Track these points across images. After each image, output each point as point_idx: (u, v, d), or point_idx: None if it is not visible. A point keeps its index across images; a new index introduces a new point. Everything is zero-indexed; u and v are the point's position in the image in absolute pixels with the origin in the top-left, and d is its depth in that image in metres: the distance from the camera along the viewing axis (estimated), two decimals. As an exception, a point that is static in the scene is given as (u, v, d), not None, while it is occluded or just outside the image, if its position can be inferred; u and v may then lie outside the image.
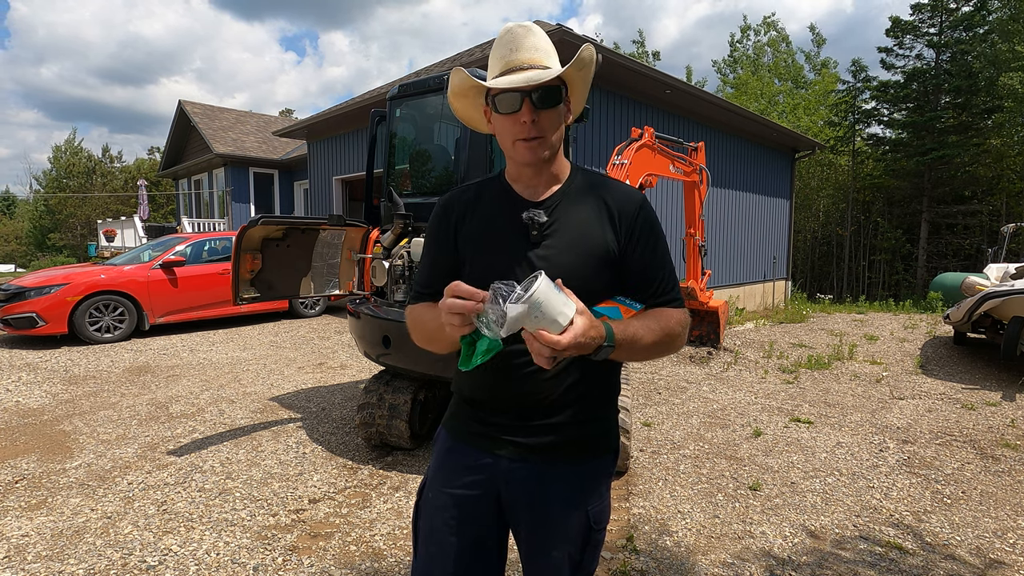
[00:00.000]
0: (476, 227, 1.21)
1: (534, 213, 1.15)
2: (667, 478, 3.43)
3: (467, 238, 1.21)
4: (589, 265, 1.14)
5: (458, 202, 1.25)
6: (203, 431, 4.13)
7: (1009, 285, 6.01)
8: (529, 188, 1.20)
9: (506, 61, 1.14)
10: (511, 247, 1.16)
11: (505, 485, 1.19)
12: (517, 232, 1.16)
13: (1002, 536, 2.82)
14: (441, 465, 1.26)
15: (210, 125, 16.30)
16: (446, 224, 1.24)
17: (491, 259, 1.17)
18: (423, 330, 1.19)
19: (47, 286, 6.94)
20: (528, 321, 0.87)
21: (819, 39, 29.36)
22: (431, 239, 1.27)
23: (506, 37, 1.15)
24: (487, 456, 1.19)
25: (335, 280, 4.39)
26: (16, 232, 39.08)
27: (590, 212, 1.17)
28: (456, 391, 1.30)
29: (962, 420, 4.60)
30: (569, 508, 1.18)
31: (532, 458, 1.17)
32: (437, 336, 1.13)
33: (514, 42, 1.13)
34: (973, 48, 19.70)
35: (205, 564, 2.47)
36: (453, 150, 3.70)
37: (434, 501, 1.24)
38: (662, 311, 1.16)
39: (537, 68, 1.12)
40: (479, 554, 1.21)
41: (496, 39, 1.17)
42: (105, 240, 16.42)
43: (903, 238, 21.16)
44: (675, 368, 6.32)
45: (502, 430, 1.18)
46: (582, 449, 1.20)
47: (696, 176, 6.26)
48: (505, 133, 1.14)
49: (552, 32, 6.42)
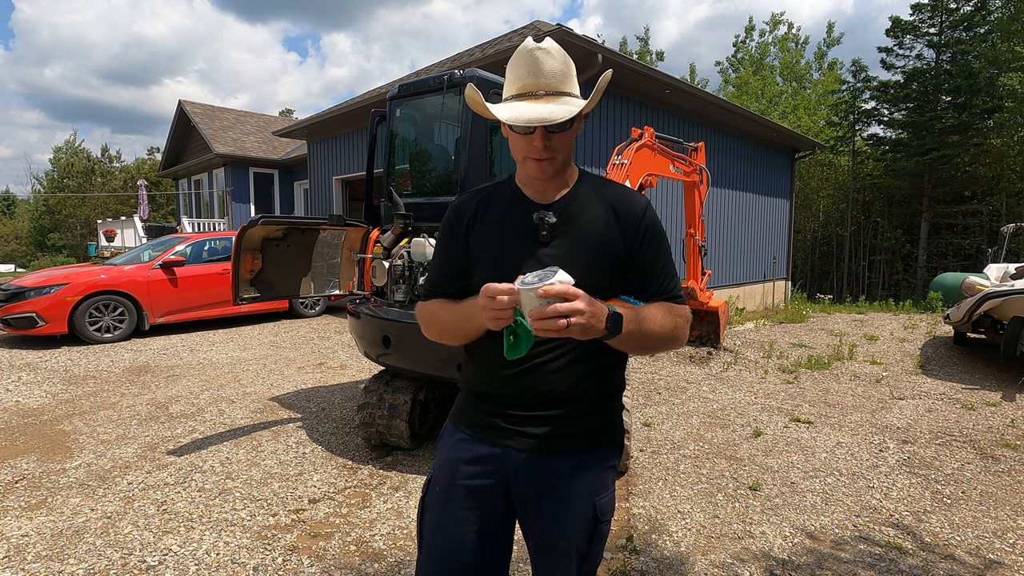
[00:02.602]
0: (487, 229, 1.25)
1: (544, 214, 1.20)
2: (667, 478, 3.43)
3: (478, 239, 1.26)
4: (596, 265, 1.18)
5: (469, 205, 1.29)
6: (203, 431, 4.13)
7: (1009, 285, 6.01)
8: (539, 192, 1.24)
9: (523, 84, 1.15)
10: (521, 246, 1.20)
11: (515, 476, 1.21)
12: (527, 232, 1.20)
13: (1002, 536, 2.82)
14: (450, 458, 1.28)
15: (210, 125, 16.30)
16: (458, 227, 1.28)
17: (502, 257, 1.21)
18: (439, 325, 1.25)
19: (47, 286, 6.94)
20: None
21: (831, 40, 29.27)
22: (443, 241, 1.32)
23: (525, 58, 1.15)
24: (496, 447, 1.22)
25: (335, 280, 4.39)
26: (16, 232, 39.06)
27: (598, 214, 1.22)
28: (464, 386, 1.33)
29: (962, 420, 4.60)
30: (577, 498, 1.21)
31: (541, 449, 1.20)
32: (454, 330, 1.21)
33: (533, 65, 1.14)
34: (973, 48, 19.69)
35: (205, 564, 2.47)
36: (453, 150, 3.70)
37: (443, 495, 1.25)
38: (667, 304, 1.20)
39: (553, 94, 1.14)
40: (488, 546, 1.23)
41: (515, 57, 1.16)
42: (105, 240, 16.41)
43: (903, 238, 21.15)
44: (675, 368, 6.32)
45: (511, 421, 1.22)
46: (589, 440, 1.24)
47: (696, 176, 6.26)
48: (517, 149, 1.19)
49: (552, 32, 6.41)
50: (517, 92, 1.16)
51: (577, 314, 0.94)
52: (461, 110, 3.49)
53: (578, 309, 0.94)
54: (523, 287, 0.96)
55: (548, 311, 0.94)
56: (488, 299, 1.00)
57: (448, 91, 3.56)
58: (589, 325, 0.97)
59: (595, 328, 0.99)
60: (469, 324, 1.15)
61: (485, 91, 3.46)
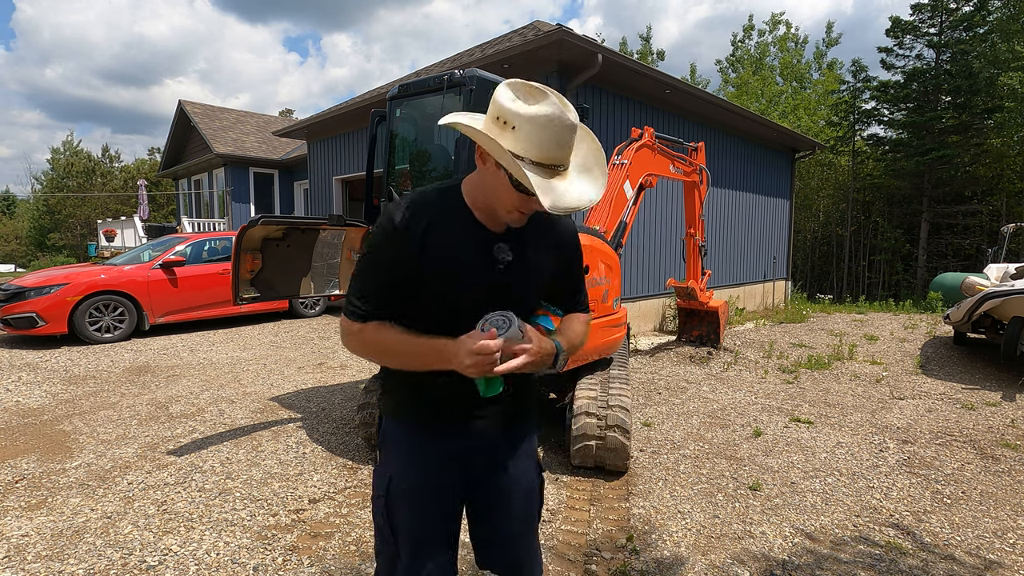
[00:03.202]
0: (441, 253, 1.23)
1: (503, 249, 1.28)
2: (667, 478, 3.43)
3: (431, 264, 1.22)
4: (538, 287, 1.38)
5: (418, 221, 1.22)
6: (203, 431, 4.13)
7: (1009, 285, 6.01)
8: (492, 220, 1.27)
9: (551, 156, 1.11)
10: (478, 276, 1.27)
11: (471, 460, 1.38)
12: (483, 262, 1.27)
13: (1002, 536, 2.82)
14: (411, 458, 1.36)
15: (210, 125, 16.30)
16: (404, 244, 1.22)
17: (459, 286, 1.26)
18: (390, 356, 1.29)
19: (47, 286, 6.94)
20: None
21: (830, 40, 29.26)
22: (383, 256, 1.24)
23: (555, 125, 1.09)
24: (454, 442, 1.36)
25: (335, 280, 4.39)
26: (16, 232, 39.06)
27: (540, 244, 1.35)
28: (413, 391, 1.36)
29: (962, 420, 4.60)
30: (523, 456, 1.46)
31: (490, 432, 1.38)
32: (409, 364, 1.27)
33: (560, 137, 1.10)
34: (973, 48, 19.68)
35: (205, 564, 2.47)
36: (453, 150, 3.70)
37: (411, 492, 1.35)
38: (578, 316, 1.47)
39: (565, 167, 1.15)
40: (453, 532, 1.41)
41: (546, 123, 1.09)
42: (105, 240, 16.42)
43: (903, 238, 21.15)
44: (675, 368, 6.32)
45: (463, 417, 1.36)
46: (524, 421, 1.48)
47: (696, 176, 6.26)
48: (508, 199, 1.18)
49: (552, 32, 6.42)
50: (540, 161, 1.10)
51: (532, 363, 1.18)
52: (461, 110, 3.49)
53: (534, 362, 1.19)
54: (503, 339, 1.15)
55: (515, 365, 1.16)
56: (483, 356, 1.11)
57: (448, 91, 3.56)
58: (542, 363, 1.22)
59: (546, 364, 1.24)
60: (434, 364, 1.21)
61: (485, 91, 3.46)
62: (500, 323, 1.16)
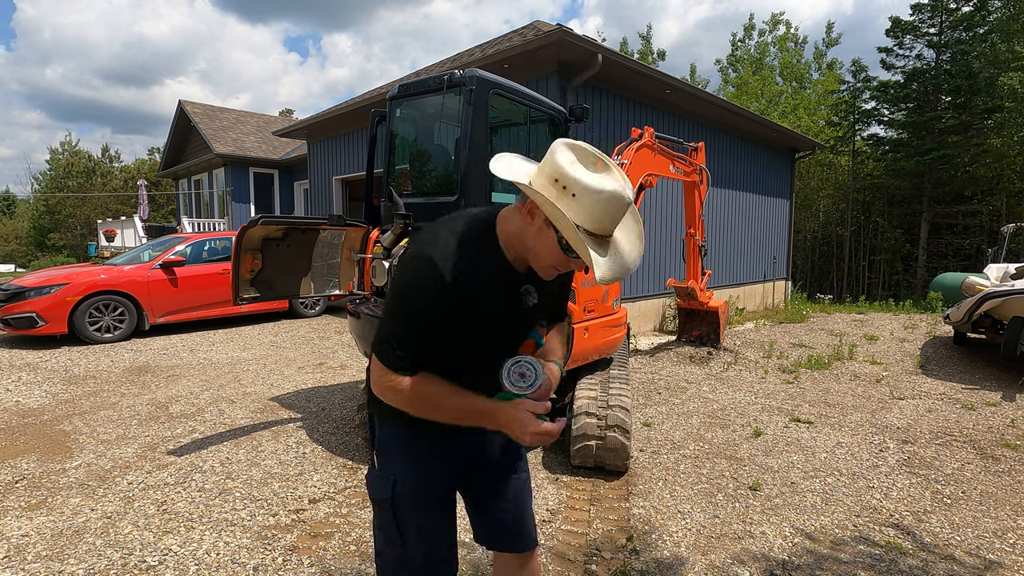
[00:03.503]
0: (481, 300, 1.25)
1: (529, 291, 1.35)
2: (667, 478, 3.43)
3: (469, 304, 1.23)
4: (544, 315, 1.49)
5: (460, 273, 1.21)
6: (203, 431, 4.13)
7: (1009, 285, 6.02)
8: (520, 262, 1.31)
9: (603, 227, 1.16)
10: (506, 318, 1.34)
11: (468, 454, 1.46)
12: (511, 305, 1.34)
13: (1002, 536, 2.82)
14: (414, 460, 1.40)
15: (210, 125, 16.30)
16: (445, 293, 1.20)
17: (488, 326, 1.30)
18: (437, 411, 1.28)
19: (47, 286, 6.93)
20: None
21: (830, 40, 29.25)
22: (426, 306, 1.20)
23: (616, 203, 1.14)
24: (452, 441, 1.40)
25: (335, 280, 4.39)
26: (16, 232, 39.06)
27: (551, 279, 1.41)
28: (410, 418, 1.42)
29: (962, 420, 4.60)
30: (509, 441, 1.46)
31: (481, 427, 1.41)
32: (455, 419, 1.29)
33: (618, 215, 1.16)
34: (973, 48, 19.67)
35: (205, 564, 2.47)
36: (453, 150, 3.70)
37: (416, 493, 1.38)
38: (561, 327, 1.60)
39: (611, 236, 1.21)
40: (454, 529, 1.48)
41: (605, 189, 1.11)
42: (105, 240, 16.41)
43: (903, 238, 21.14)
44: (675, 368, 6.32)
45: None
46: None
47: (696, 176, 6.26)
48: (548, 253, 1.22)
49: (552, 32, 6.42)
50: (592, 230, 1.15)
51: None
52: (461, 110, 3.49)
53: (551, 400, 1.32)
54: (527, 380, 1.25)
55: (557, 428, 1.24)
56: (544, 434, 1.20)
57: (448, 91, 3.56)
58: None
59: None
60: (480, 423, 1.27)
61: (485, 91, 3.46)
62: (528, 372, 1.22)
